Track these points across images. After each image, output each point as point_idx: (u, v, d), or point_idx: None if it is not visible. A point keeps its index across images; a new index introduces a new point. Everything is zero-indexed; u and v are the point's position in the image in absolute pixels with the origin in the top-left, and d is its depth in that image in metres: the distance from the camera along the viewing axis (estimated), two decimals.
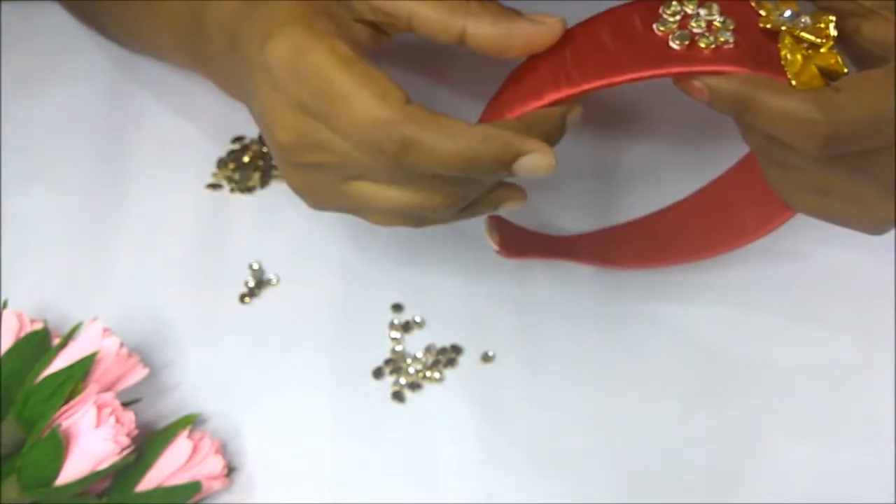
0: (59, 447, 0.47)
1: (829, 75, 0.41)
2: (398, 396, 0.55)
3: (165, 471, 0.49)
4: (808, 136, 0.40)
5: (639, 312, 0.57)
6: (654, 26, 0.42)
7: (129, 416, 0.49)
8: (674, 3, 0.42)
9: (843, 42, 0.43)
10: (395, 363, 0.56)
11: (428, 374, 0.55)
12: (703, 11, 0.42)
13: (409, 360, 0.56)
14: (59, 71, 0.65)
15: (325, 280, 0.58)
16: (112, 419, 0.48)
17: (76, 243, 0.59)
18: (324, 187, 0.46)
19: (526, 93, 0.43)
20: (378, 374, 0.56)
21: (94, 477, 0.47)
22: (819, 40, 0.41)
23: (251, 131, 0.63)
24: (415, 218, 0.47)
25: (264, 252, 0.59)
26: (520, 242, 0.56)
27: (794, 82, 0.41)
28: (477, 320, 0.57)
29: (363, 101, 0.41)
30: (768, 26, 0.42)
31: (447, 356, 0.56)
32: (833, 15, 0.42)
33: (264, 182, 0.61)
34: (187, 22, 0.52)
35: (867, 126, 0.40)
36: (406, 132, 0.41)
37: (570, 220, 0.59)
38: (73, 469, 0.47)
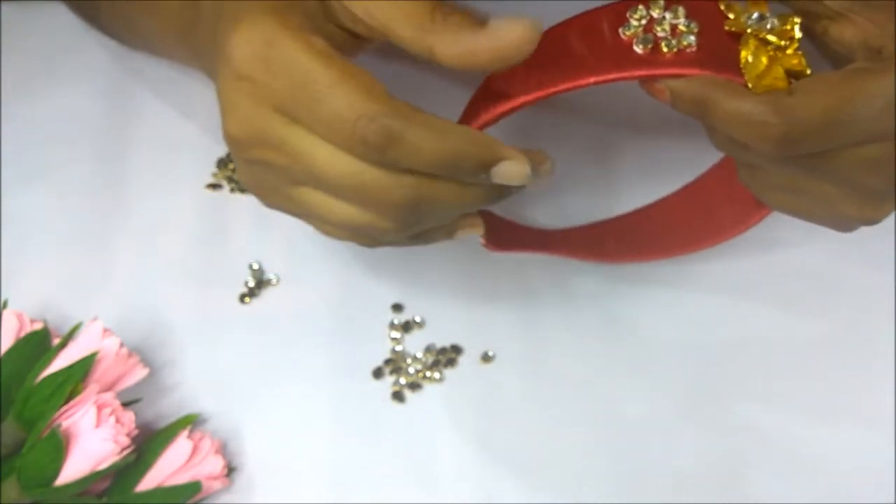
0: (59, 447, 0.47)
1: (794, 76, 0.42)
2: (398, 396, 0.55)
3: (165, 471, 0.49)
4: (762, 138, 0.41)
5: (639, 314, 0.57)
6: (620, 31, 0.42)
7: (129, 416, 0.49)
8: (640, 7, 0.43)
9: (815, 44, 0.44)
10: (395, 363, 0.56)
11: (428, 374, 0.55)
12: (668, 15, 0.42)
13: (409, 360, 0.56)
14: (59, 71, 0.65)
15: (325, 280, 0.58)
16: (112, 419, 0.48)
17: (76, 243, 0.59)
18: (272, 188, 0.45)
19: (498, 95, 0.43)
20: (378, 374, 0.56)
21: (94, 477, 0.47)
22: (783, 42, 0.42)
23: None
24: (364, 236, 0.46)
25: (264, 252, 0.59)
26: (506, 235, 0.56)
27: (750, 84, 0.41)
28: (477, 320, 0.57)
29: (348, 93, 0.41)
30: (733, 29, 0.43)
31: (447, 356, 0.56)
32: (800, 17, 0.43)
33: None
34: (186, 15, 0.51)
35: (819, 128, 0.40)
36: (393, 125, 0.40)
37: (564, 218, 0.60)
38: (73, 469, 0.47)
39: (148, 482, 0.49)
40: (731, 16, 0.43)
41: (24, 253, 0.58)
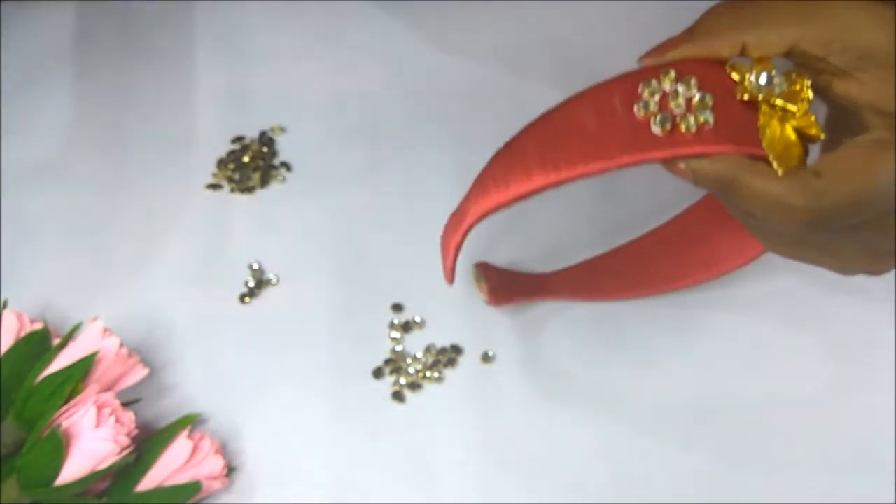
0: (59, 447, 0.47)
1: (805, 137, 0.42)
2: (398, 396, 0.55)
3: (165, 471, 0.49)
4: (790, 220, 0.41)
5: (638, 311, 0.57)
6: (635, 108, 0.41)
7: (129, 416, 0.49)
8: (653, 80, 0.42)
9: (816, 93, 0.43)
10: (395, 363, 0.56)
11: (428, 374, 0.55)
12: (681, 88, 0.41)
13: (409, 360, 0.56)
14: (59, 71, 0.65)
15: (325, 280, 0.58)
16: (112, 419, 0.48)
17: (76, 243, 0.59)
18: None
19: (514, 174, 0.43)
20: (378, 374, 0.56)
21: (94, 477, 0.47)
22: (794, 107, 0.42)
23: (251, 131, 0.63)
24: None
25: (264, 252, 0.59)
26: (507, 287, 0.57)
27: (772, 156, 0.41)
28: (477, 320, 0.57)
29: None
30: (746, 97, 0.42)
31: (447, 356, 0.56)
32: (807, 74, 0.42)
33: (264, 182, 0.61)
34: None
35: (846, 209, 0.41)
36: None
37: (570, 231, 0.60)
38: (73, 469, 0.47)
39: (148, 482, 0.49)
40: (736, 76, 0.42)
41: (24, 253, 0.58)
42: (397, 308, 0.58)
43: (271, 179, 0.62)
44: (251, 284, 0.58)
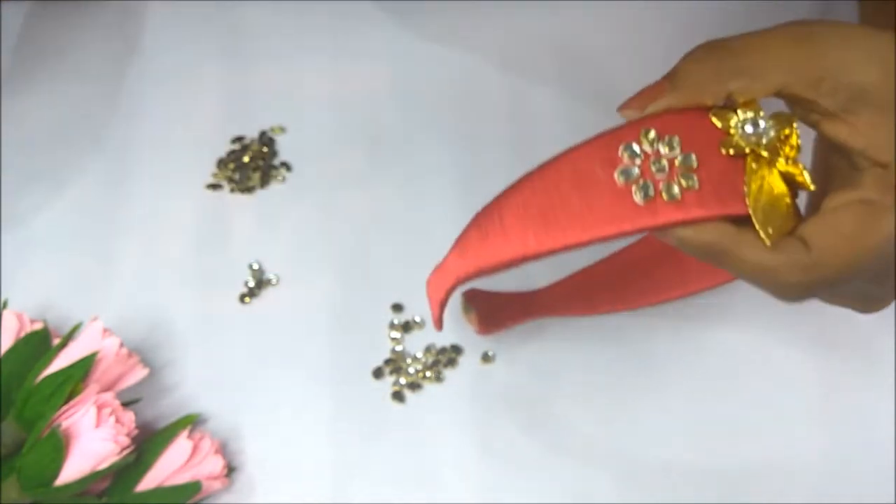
0: (59, 447, 0.47)
1: (793, 184, 0.41)
2: (398, 396, 0.55)
3: (165, 471, 0.49)
4: (782, 290, 0.40)
5: (638, 312, 0.57)
6: (616, 175, 0.40)
7: (129, 416, 0.49)
8: (633, 144, 0.40)
9: (806, 124, 0.42)
10: (395, 363, 0.56)
11: (428, 374, 0.55)
12: (663, 149, 0.40)
13: (409, 360, 0.56)
14: (59, 71, 0.65)
15: (325, 280, 0.58)
16: (112, 419, 0.48)
17: (76, 243, 0.59)
18: None
19: (493, 248, 0.41)
20: (378, 374, 0.56)
21: (94, 477, 0.47)
22: (783, 159, 0.40)
23: (251, 131, 0.63)
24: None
25: (264, 252, 0.59)
26: (496, 312, 0.56)
27: (756, 219, 0.39)
28: None
29: None
30: (731, 152, 0.40)
31: (447, 356, 0.56)
32: (796, 115, 0.41)
33: (264, 182, 0.61)
34: None
35: (838, 277, 0.40)
36: None
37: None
38: (73, 469, 0.47)
39: (148, 482, 0.49)
40: (719, 123, 0.41)
41: (24, 253, 0.58)
42: (397, 308, 0.58)
43: (271, 179, 0.62)
44: (251, 284, 0.58)
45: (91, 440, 0.47)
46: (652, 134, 0.40)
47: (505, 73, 0.65)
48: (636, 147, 0.40)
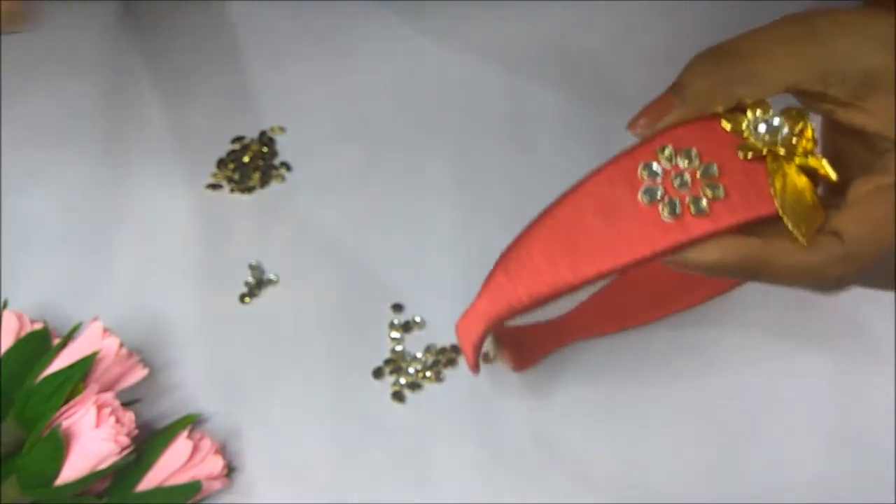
0: (59, 447, 0.47)
1: (813, 175, 0.41)
2: (398, 396, 0.55)
3: (165, 471, 0.49)
4: (819, 286, 0.41)
5: None
6: (640, 197, 0.40)
7: (129, 416, 0.49)
8: (652, 163, 0.40)
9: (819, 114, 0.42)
10: (395, 363, 0.56)
11: (428, 374, 0.55)
12: (681, 163, 0.40)
13: (409, 360, 0.56)
14: (58, 71, 0.65)
15: (325, 280, 0.58)
16: (112, 419, 0.48)
17: (76, 243, 0.59)
18: None
19: (526, 286, 0.41)
20: (378, 374, 0.56)
21: (94, 477, 0.47)
22: (800, 153, 0.40)
23: (251, 131, 0.63)
24: None
25: (264, 252, 0.59)
26: (528, 346, 0.55)
27: (786, 218, 0.39)
28: None
29: None
30: (750, 155, 0.40)
31: (447, 356, 0.56)
32: (807, 110, 0.41)
33: (264, 182, 0.61)
34: None
35: (874, 263, 0.40)
36: None
37: None
38: (73, 469, 0.47)
39: (148, 482, 0.49)
40: (730, 125, 0.40)
41: (24, 253, 0.58)
42: (397, 308, 0.58)
43: (271, 179, 0.62)
44: (251, 284, 0.58)
45: (91, 440, 0.47)
46: (668, 150, 0.40)
47: (504, 72, 0.65)
48: (655, 166, 0.40)
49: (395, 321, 0.57)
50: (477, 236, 0.58)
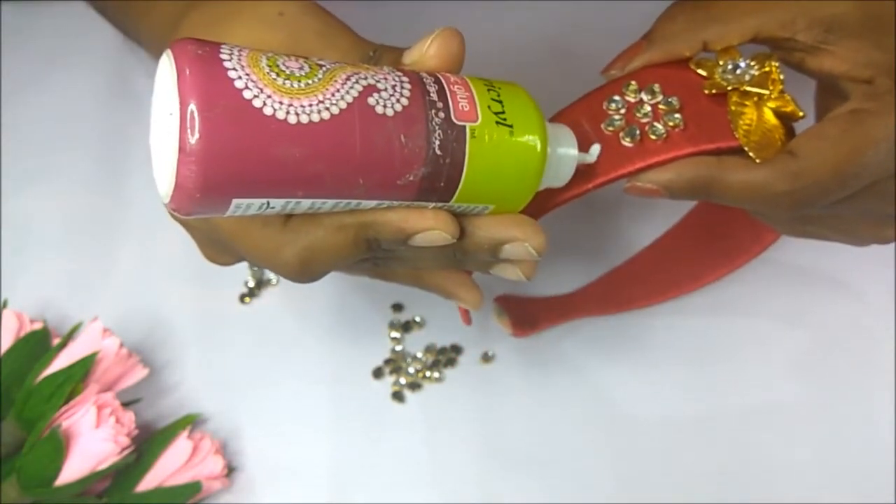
0: (59, 447, 0.47)
1: (786, 117, 0.41)
2: (398, 396, 0.55)
3: (165, 471, 0.49)
4: (776, 206, 0.40)
5: (637, 312, 0.57)
6: (603, 126, 0.41)
7: (129, 416, 0.49)
8: (615, 96, 0.41)
9: (791, 68, 0.42)
10: (395, 363, 0.56)
11: (428, 374, 0.55)
12: (645, 97, 0.41)
13: (409, 360, 0.56)
14: (58, 71, 0.65)
15: (325, 280, 0.58)
16: (112, 419, 0.48)
17: (76, 243, 0.59)
18: None
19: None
20: (378, 374, 0.56)
21: (94, 477, 0.47)
22: (767, 91, 0.41)
23: None
24: None
25: None
26: (529, 315, 0.56)
27: (747, 146, 0.40)
28: (477, 320, 0.57)
29: None
30: (714, 91, 0.41)
31: (447, 356, 0.56)
32: (776, 54, 0.41)
33: None
34: (172, 23, 0.51)
35: (830, 186, 0.40)
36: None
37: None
38: (73, 469, 0.47)
39: (148, 482, 0.49)
40: (704, 72, 0.42)
41: (24, 253, 0.58)
42: (397, 308, 0.58)
43: None
44: (251, 284, 0.58)
45: (91, 440, 0.47)
46: (633, 85, 0.42)
47: (504, 72, 0.65)
48: (619, 99, 0.41)
49: (395, 321, 0.57)
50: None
